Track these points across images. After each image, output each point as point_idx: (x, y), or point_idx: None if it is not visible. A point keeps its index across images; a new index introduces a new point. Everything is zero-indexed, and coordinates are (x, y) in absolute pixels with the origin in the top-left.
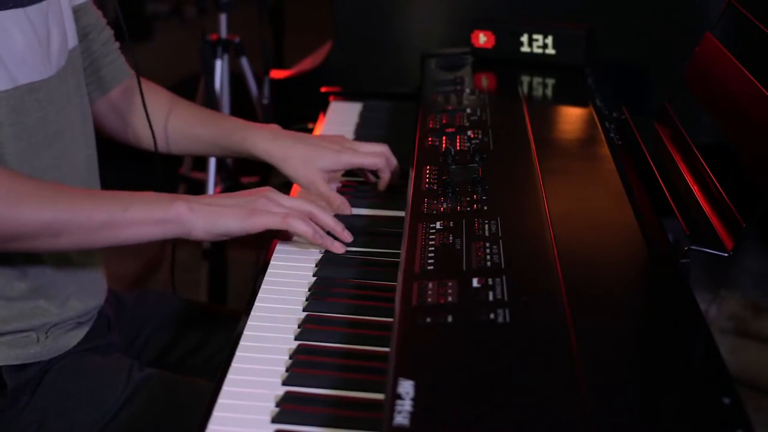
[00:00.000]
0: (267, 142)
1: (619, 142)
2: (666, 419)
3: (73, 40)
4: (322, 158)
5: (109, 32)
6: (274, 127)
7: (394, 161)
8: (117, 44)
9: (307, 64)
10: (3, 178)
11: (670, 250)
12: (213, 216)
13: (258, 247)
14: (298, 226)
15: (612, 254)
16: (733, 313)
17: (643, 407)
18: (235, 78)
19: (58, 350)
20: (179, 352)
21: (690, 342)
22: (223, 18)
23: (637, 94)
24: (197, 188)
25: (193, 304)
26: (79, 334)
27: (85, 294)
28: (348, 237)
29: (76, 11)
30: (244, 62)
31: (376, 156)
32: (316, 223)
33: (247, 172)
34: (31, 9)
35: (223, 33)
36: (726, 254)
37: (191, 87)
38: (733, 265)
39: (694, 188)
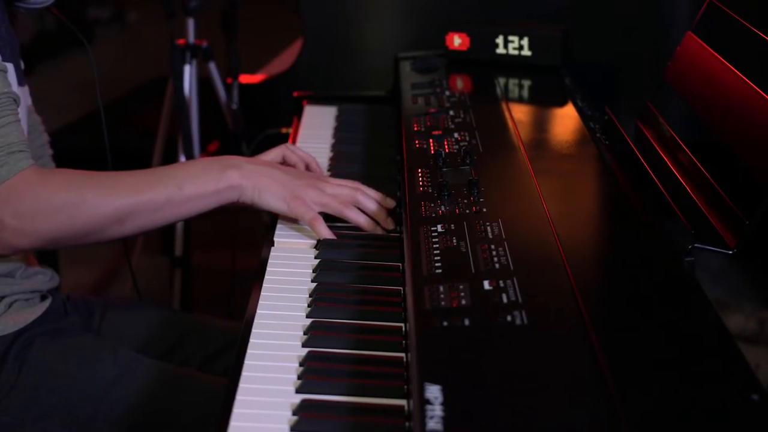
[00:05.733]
0: None
1: (606, 142)
2: (697, 417)
3: None
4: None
5: (46, 137)
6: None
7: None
8: (51, 151)
9: (274, 68)
10: (61, 178)
11: (671, 249)
12: (261, 187)
13: (233, 254)
14: (321, 231)
15: (616, 252)
16: None
17: (674, 405)
18: (202, 83)
19: (14, 325)
20: (155, 353)
21: (709, 339)
22: (190, 23)
23: (608, 94)
24: None
25: (165, 309)
26: (35, 312)
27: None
28: (391, 224)
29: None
30: (213, 67)
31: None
32: (362, 208)
33: None
34: None
35: (191, 38)
36: (730, 252)
37: (147, 93)
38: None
39: (688, 186)
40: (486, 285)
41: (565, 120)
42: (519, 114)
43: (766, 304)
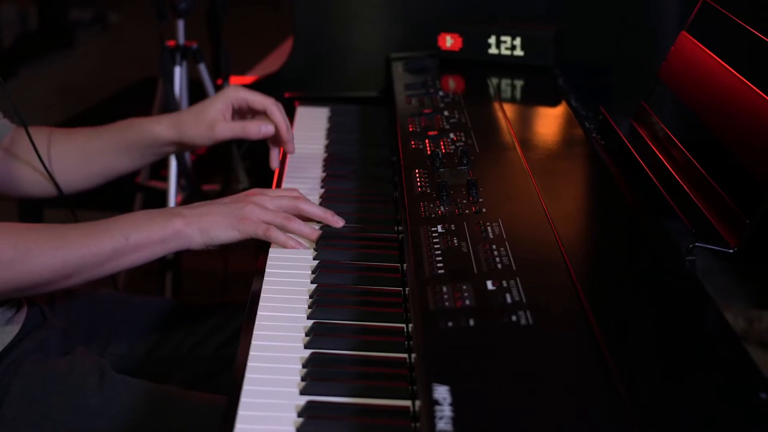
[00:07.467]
0: (162, 120)
1: (602, 142)
2: (706, 416)
3: None
4: (211, 104)
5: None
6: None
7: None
8: (10, 126)
9: (264, 69)
10: (6, 234)
11: (672, 247)
12: (206, 227)
13: (225, 257)
14: (278, 238)
15: (617, 251)
16: None
17: (682, 405)
18: (191, 84)
19: None
20: (145, 346)
21: (715, 338)
22: (180, 24)
23: (602, 94)
24: (155, 197)
25: (150, 298)
26: (12, 329)
27: None
28: (340, 222)
29: None
30: (203, 69)
31: (263, 95)
32: (305, 215)
33: (208, 180)
34: None
35: (181, 39)
36: (731, 251)
37: (133, 95)
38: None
39: (685, 186)
40: (489, 285)
41: (560, 119)
42: (513, 114)
43: (755, 302)
